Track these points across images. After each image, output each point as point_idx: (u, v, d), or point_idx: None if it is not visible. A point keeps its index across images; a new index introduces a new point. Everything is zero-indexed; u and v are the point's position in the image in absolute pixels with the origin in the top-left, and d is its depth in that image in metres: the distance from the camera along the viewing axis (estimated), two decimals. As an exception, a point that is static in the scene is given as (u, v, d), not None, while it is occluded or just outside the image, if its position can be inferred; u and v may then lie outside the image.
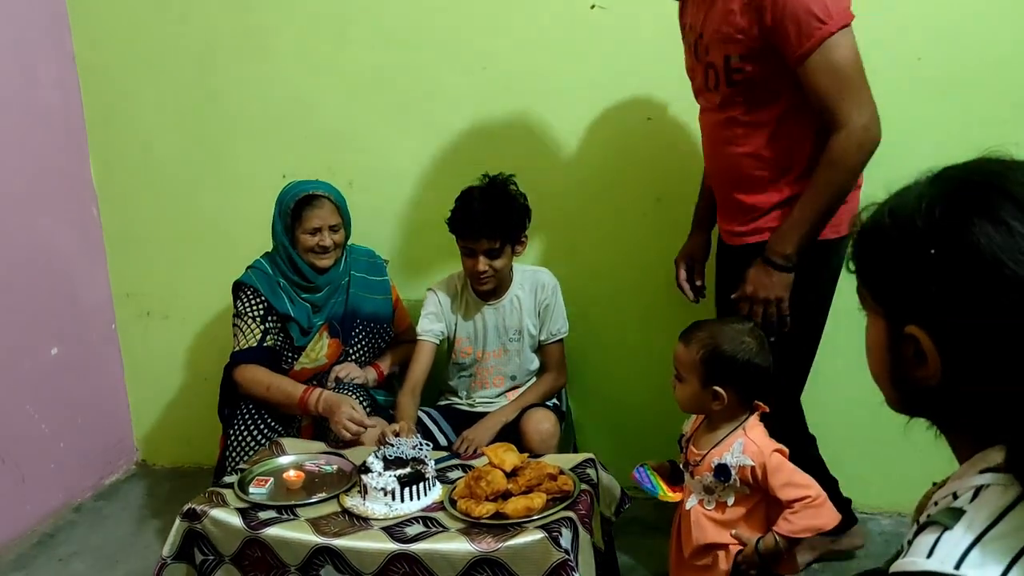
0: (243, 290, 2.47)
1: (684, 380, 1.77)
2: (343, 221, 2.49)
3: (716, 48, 1.92)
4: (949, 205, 0.81)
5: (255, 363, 2.38)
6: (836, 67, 1.80)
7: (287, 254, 2.46)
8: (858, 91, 1.82)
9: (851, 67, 1.82)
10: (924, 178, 0.87)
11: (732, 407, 1.75)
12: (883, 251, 0.86)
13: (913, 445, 2.45)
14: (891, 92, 2.37)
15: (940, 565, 0.75)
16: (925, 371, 0.83)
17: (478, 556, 1.69)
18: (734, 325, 1.77)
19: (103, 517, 2.88)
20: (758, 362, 1.72)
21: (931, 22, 2.34)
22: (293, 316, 2.46)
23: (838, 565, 2.38)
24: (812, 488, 1.67)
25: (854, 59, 1.82)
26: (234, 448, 2.41)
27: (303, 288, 2.49)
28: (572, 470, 1.99)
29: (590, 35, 2.56)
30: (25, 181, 2.78)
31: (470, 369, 2.49)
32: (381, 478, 1.87)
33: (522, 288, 2.44)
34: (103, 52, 2.98)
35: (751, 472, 1.69)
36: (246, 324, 2.43)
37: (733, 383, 1.72)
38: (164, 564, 1.91)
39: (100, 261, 3.13)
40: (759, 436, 1.73)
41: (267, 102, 2.87)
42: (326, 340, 2.54)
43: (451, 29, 2.66)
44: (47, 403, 2.85)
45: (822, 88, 1.83)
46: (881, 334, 0.89)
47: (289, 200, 2.44)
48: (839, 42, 1.79)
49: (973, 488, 0.81)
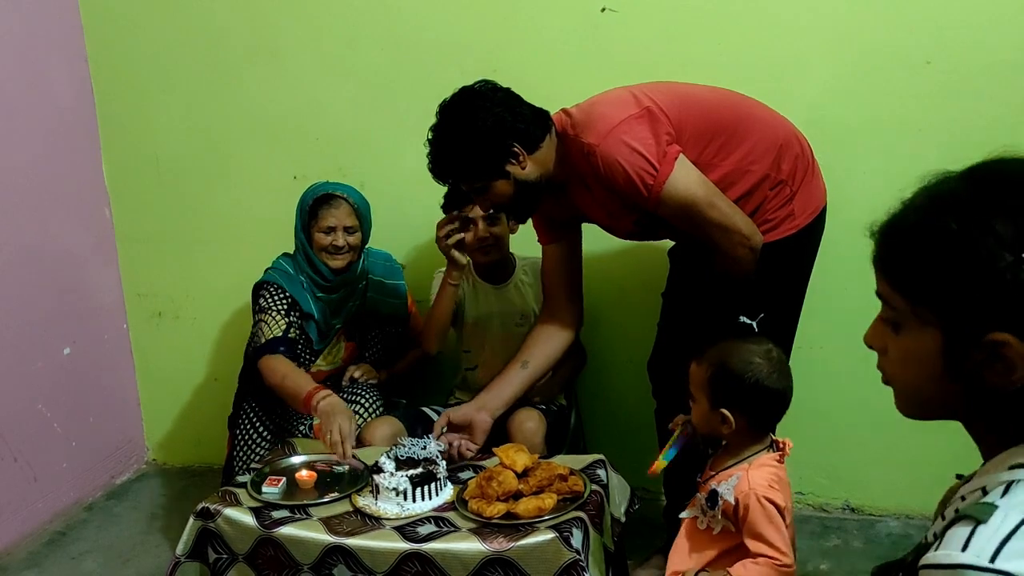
0: (266, 288, 2.47)
1: (696, 400, 1.67)
2: (360, 224, 2.50)
3: (618, 218, 2.06)
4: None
5: (278, 353, 2.36)
6: (684, 204, 1.89)
7: (304, 252, 2.48)
8: (717, 218, 1.89)
9: (699, 197, 1.89)
10: (958, 185, 0.86)
11: (742, 434, 1.63)
12: (945, 264, 0.83)
13: (920, 447, 2.48)
14: (900, 95, 2.40)
15: (976, 559, 0.76)
16: (1007, 376, 0.82)
17: (490, 556, 1.70)
18: (749, 344, 1.64)
19: (114, 516, 2.89)
20: (769, 385, 1.58)
21: (940, 25, 2.34)
22: (314, 314, 2.47)
23: (848, 563, 2.39)
24: (785, 556, 1.54)
25: (696, 187, 1.89)
26: (240, 448, 2.44)
27: (320, 287, 2.51)
28: (582, 471, 1.99)
29: (600, 37, 2.57)
30: (38, 182, 2.80)
31: (477, 358, 2.51)
32: (393, 478, 1.88)
33: (526, 274, 2.51)
34: (116, 54, 2.99)
35: (733, 510, 1.58)
36: (271, 317, 2.41)
37: (741, 407, 1.60)
38: (178, 563, 1.92)
39: (112, 262, 3.15)
40: (760, 478, 1.58)
41: (279, 104, 2.89)
42: (343, 343, 2.56)
43: (462, 31, 2.68)
44: (59, 403, 2.87)
45: (684, 227, 1.95)
46: (934, 344, 0.86)
47: (308, 198, 2.47)
48: (676, 179, 1.87)
49: (1004, 484, 0.82)
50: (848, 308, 2.32)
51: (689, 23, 2.50)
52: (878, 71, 2.40)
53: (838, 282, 2.31)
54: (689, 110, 1.96)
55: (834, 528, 2.60)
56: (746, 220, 1.93)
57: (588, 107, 2.00)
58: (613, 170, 1.88)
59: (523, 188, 1.99)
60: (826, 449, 2.62)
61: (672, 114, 1.92)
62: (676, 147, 1.89)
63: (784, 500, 1.58)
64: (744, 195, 1.97)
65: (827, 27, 2.42)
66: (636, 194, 1.90)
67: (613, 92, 2.01)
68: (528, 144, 1.96)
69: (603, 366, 2.75)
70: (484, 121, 1.92)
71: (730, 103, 2.04)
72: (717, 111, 1.99)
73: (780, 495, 1.57)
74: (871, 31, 2.39)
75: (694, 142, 1.93)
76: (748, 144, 1.96)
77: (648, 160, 1.86)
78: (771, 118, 2.05)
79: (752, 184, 1.97)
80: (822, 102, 2.39)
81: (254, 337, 2.43)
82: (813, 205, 2.04)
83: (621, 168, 1.86)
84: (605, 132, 1.88)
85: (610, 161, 1.87)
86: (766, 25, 2.46)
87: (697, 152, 1.93)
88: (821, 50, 2.44)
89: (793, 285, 2.11)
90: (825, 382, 2.49)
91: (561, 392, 2.52)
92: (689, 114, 1.95)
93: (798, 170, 2.00)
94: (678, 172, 1.87)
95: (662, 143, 1.87)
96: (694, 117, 1.95)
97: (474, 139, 1.93)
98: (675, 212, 1.92)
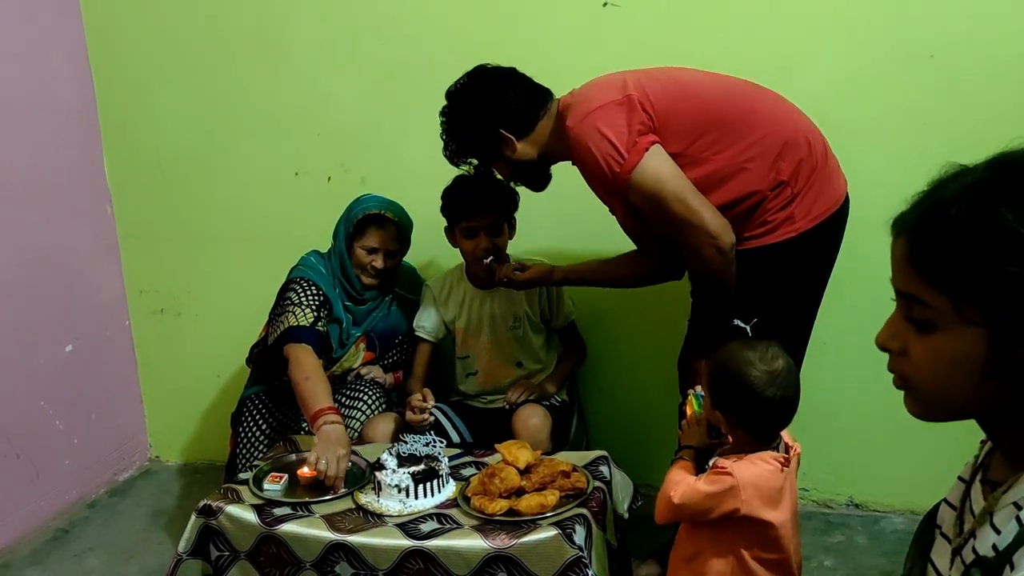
0: (298, 283, 2.41)
1: (705, 397, 1.65)
2: (401, 248, 2.50)
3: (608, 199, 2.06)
4: None
5: (308, 343, 2.29)
6: (650, 195, 1.89)
7: (341, 260, 2.46)
8: (682, 213, 1.88)
9: (667, 189, 1.88)
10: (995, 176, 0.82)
11: (741, 437, 1.59)
12: (1001, 258, 0.79)
13: (924, 444, 2.47)
14: (904, 89, 2.38)
15: None
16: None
17: (492, 553, 1.70)
18: (752, 351, 1.56)
19: (117, 513, 2.89)
20: (765, 395, 1.51)
21: (944, 19, 2.32)
22: (341, 320, 2.46)
23: (852, 560, 2.38)
24: (674, 495, 1.56)
25: (665, 180, 1.88)
26: (243, 446, 2.43)
27: (349, 296, 2.49)
28: (585, 467, 1.99)
29: (602, 32, 2.55)
30: (39, 179, 2.79)
31: (475, 363, 2.50)
32: (395, 475, 1.88)
33: None
34: (117, 49, 2.99)
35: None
36: (300, 309, 2.35)
37: (736, 412, 1.57)
38: (180, 560, 1.92)
39: (114, 258, 3.14)
40: (746, 470, 1.53)
41: (281, 99, 2.88)
42: (362, 352, 2.55)
43: (464, 26, 2.66)
44: (61, 400, 2.87)
45: (653, 219, 1.95)
46: (976, 343, 0.82)
47: (358, 212, 2.43)
48: (644, 169, 1.87)
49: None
50: (851, 305, 2.32)
51: (690, 19, 2.49)
52: (882, 65, 2.39)
53: (842, 278, 2.29)
54: (685, 100, 1.94)
55: (838, 524, 2.59)
56: (717, 219, 1.88)
57: (583, 89, 2.04)
58: (583, 153, 1.92)
59: (522, 167, 2.12)
60: (830, 445, 2.61)
61: (660, 104, 1.91)
62: (651, 137, 1.89)
63: (773, 512, 1.55)
64: (742, 195, 1.93)
65: (830, 22, 2.41)
66: (604, 180, 1.93)
67: (610, 76, 2.03)
68: (517, 128, 2.06)
69: (606, 362, 2.74)
70: (470, 112, 2.08)
71: (735, 96, 1.99)
72: (716, 104, 1.96)
73: (761, 507, 1.53)
74: (875, 25, 2.38)
75: (684, 134, 1.92)
76: (746, 141, 1.92)
77: (616, 148, 1.87)
78: (779, 115, 1.99)
79: (749, 183, 1.92)
80: (825, 97, 2.37)
81: (277, 327, 2.36)
82: (819, 209, 1.96)
83: (590, 152, 1.90)
84: (582, 116, 1.92)
85: (581, 145, 1.91)
86: (768, 21, 2.44)
87: (685, 144, 1.92)
88: (824, 45, 2.42)
89: (799, 289, 2.04)
90: (829, 379, 2.48)
91: (562, 388, 2.52)
92: (684, 104, 1.94)
93: (801, 172, 1.93)
94: (647, 163, 1.87)
95: (634, 132, 1.88)
96: (689, 108, 1.94)
97: (464, 128, 2.10)
98: (643, 202, 1.93)
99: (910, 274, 0.86)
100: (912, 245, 0.86)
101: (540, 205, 2.40)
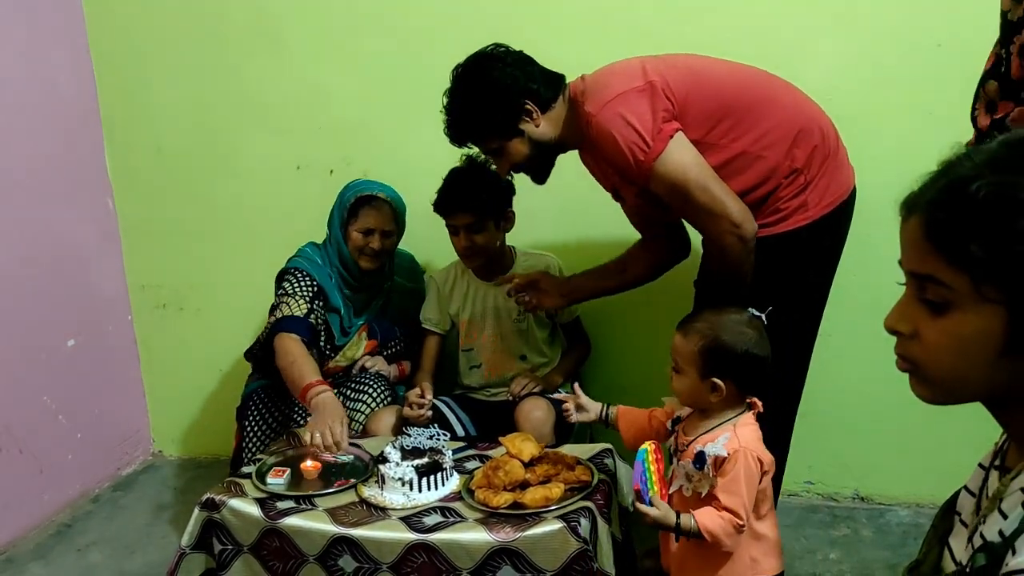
0: (292, 273, 2.43)
1: (682, 372, 1.69)
2: (397, 229, 2.49)
3: (621, 187, 2.06)
4: None
5: (296, 333, 2.32)
6: (674, 183, 1.86)
7: (338, 247, 2.46)
8: (706, 202, 1.86)
9: (690, 178, 1.86)
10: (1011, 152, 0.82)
11: (729, 400, 1.68)
12: (1018, 236, 0.78)
13: (930, 436, 2.46)
14: (911, 79, 2.37)
15: None
16: None
17: (496, 546, 1.69)
18: (732, 315, 1.69)
19: (120, 507, 2.89)
20: (757, 352, 1.65)
21: (950, 8, 2.31)
22: (340, 309, 2.46)
23: (857, 553, 2.37)
24: (740, 517, 1.58)
25: (689, 168, 1.86)
26: (249, 439, 2.43)
27: (347, 284, 2.50)
28: (590, 460, 1.98)
29: (607, 22, 2.54)
30: (41, 174, 2.79)
31: (479, 356, 2.49)
32: (399, 468, 1.87)
33: (526, 269, 2.47)
34: (118, 43, 2.98)
35: (721, 462, 1.61)
36: (294, 300, 2.38)
37: (732, 375, 1.66)
38: (183, 554, 1.92)
39: (116, 253, 3.14)
40: (748, 434, 1.65)
41: (282, 93, 2.87)
42: (364, 340, 2.55)
43: (466, 19, 2.65)
44: (64, 394, 2.87)
45: (676, 207, 1.93)
46: (995, 322, 0.81)
47: (350, 196, 2.45)
48: (668, 157, 1.85)
49: None
50: (856, 295, 2.31)
51: (696, 8, 2.48)
52: (888, 54, 2.38)
53: (846, 268, 2.28)
54: (701, 88, 1.92)
55: (843, 517, 2.58)
56: (740, 208, 1.87)
57: (599, 75, 2.00)
58: (606, 141, 1.87)
59: (539, 147, 2.03)
60: (835, 438, 2.61)
61: (679, 90, 1.89)
62: (674, 124, 1.86)
63: (768, 458, 1.65)
64: (757, 182, 1.92)
65: (836, 10, 2.40)
66: (627, 168, 1.89)
67: (626, 62, 1.99)
68: (541, 103, 1.99)
69: (609, 355, 2.73)
70: (497, 79, 1.96)
71: (749, 83, 1.98)
72: (732, 91, 1.94)
73: (767, 454, 1.64)
74: (881, 14, 2.37)
75: (701, 121, 1.90)
76: (762, 128, 1.90)
77: (641, 135, 1.84)
78: (793, 103, 1.98)
79: (764, 170, 1.91)
80: (831, 85, 2.35)
81: (272, 318, 2.40)
82: (830, 197, 1.96)
83: (614, 140, 1.86)
84: (603, 102, 1.88)
85: (604, 132, 1.87)
86: (774, 10, 2.43)
87: (703, 132, 1.90)
88: (830, 33, 2.41)
89: (810, 277, 2.04)
90: (834, 371, 2.47)
91: (567, 382, 2.51)
92: (700, 92, 1.91)
93: (815, 160, 1.93)
94: (671, 150, 1.85)
95: (659, 119, 1.85)
96: (705, 95, 1.91)
97: (488, 97, 1.97)
98: (665, 191, 1.89)
99: (926, 252, 0.84)
100: (929, 222, 0.84)
101: (542, 198, 2.38)
